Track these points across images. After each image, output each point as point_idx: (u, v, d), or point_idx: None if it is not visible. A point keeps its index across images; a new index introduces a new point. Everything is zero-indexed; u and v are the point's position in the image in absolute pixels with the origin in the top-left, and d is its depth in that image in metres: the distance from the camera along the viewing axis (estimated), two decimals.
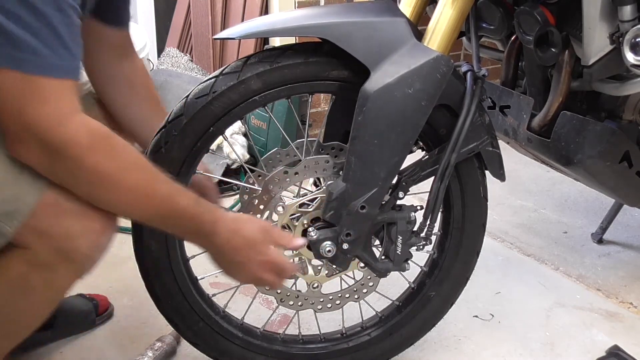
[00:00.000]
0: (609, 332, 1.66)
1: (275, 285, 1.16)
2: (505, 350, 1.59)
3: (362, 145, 1.15)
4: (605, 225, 2.09)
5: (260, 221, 1.17)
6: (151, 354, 1.46)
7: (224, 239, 1.07)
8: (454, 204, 1.34)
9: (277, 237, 1.13)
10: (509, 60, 1.55)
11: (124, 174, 0.97)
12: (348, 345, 1.41)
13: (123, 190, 0.98)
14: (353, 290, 1.36)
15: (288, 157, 1.25)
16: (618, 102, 1.50)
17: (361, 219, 1.19)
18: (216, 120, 1.18)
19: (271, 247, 1.11)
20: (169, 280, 1.26)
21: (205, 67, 2.97)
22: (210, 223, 1.06)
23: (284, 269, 1.14)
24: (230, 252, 1.09)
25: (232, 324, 1.36)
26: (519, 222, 2.24)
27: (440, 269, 1.39)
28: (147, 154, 1.20)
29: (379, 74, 1.12)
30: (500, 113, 1.56)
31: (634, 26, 1.20)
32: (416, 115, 1.15)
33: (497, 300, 1.78)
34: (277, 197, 1.24)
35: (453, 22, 1.20)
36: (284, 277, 1.15)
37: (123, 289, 1.77)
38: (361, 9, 1.19)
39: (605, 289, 1.85)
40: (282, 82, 1.18)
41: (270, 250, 1.11)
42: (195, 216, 1.05)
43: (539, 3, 1.30)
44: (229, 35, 1.19)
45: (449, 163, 1.20)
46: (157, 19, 3.20)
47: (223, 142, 2.38)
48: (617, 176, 1.47)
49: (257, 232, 1.10)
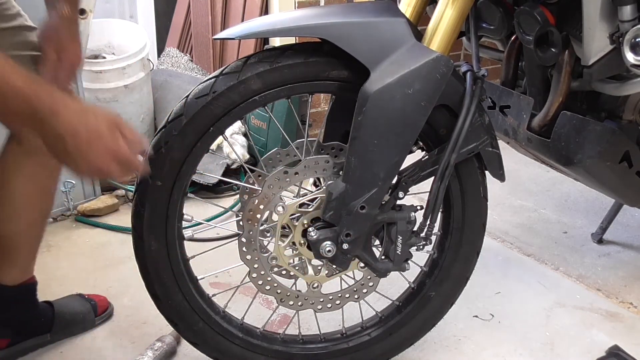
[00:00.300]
0: (609, 332, 1.66)
1: (118, 177, 1.04)
2: (505, 350, 1.59)
3: (362, 146, 1.15)
4: (605, 225, 2.09)
5: (108, 112, 1.04)
6: (151, 354, 1.46)
7: (66, 124, 0.95)
8: (454, 204, 1.34)
9: (126, 131, 1.02)
10: (509, 60, 1.55)
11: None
12: (348, 345, 1.41)
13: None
14: (353, 290, 1.36)
15: (288, 157, 1.25)
16: (618, 102, 1.50)
17: (361, 219, 1.19)
18: (216, 120, 1.18)
19: (119, 138, 1.00)
20: (169, 280, 1.27)
21: (205, 67, 2.97)
22: (49, 105, 0.94)
23: (130, 161, 1.02)
24: (72, 139, 0.96)
25: (232, 324, 1.36)
26: (519, 222, 2.24)
27: (440, 269, 1.39)
28: (147, 154, 1.20)
29: (378, 74, 1.12)
30: (500, 113, 1.56)
31: (634, 26, 1.20)
32: (416, 116, 1.15)
33: (497, 300, 1.78)
34: (277, 197, 1.24)
35: (453, 22, 1.20)
36: (129, 170, 1.04)
37: (123, 289, 1.77)
38: (361, 9, 1.19)
39: (605, 289, 1.85)
40: (282, 82, 1.18)
41: (118, 141, 1.00)
42: (31, 97, 0.93)
43: (539, 3, 1.30)
44: (228, 36, 1.19)
45: (448, 163, 1.20)
46: (157, 19, 3.20)
47: (223, 142, 2.38)
48: (617, 176, 1.47)
49: (105, 121, 0.99)
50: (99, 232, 2.10)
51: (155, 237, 1.23)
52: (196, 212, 2.14)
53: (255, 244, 1.27)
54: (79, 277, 1.83)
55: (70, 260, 1.92)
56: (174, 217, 1.23)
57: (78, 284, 1.77)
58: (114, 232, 2.10)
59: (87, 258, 1.95)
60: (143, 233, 1.22)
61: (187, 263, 1.30)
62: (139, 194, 1.21)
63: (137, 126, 2.52)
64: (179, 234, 1.26)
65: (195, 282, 1.31)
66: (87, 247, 2.02)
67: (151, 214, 1.21)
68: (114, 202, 2.23)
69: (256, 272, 1.29)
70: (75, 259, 1.93)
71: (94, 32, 2.36)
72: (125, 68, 2.40)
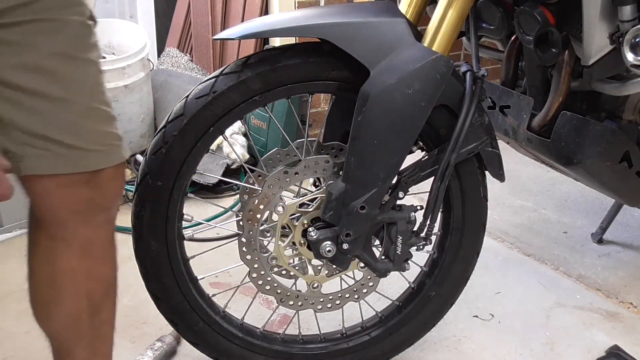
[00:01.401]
0: (609, 332, 1.66)
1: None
2: (505, 350, 1.59)
3: (362, 146, 1.15)
4: (605, 225, 2.09)
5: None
6: (151, 354, 1.46)
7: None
8: (454, 204, 1.34)
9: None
10: (509, 60, 1.55)
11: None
12: (348, 345, 1.41)
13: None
14: (353, 290, 1.36)
15: (288, 157, 1.25)
16: (618, 102, 1.50)
17: (361, 219, 1.19)
18: (216, 120, 1.18)
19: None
20: (169, 280, 1.27)
21: (205, 67, 2.97)
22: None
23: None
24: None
25: (232, 324, 1.36)
26: (519, 222, 2.24)
27: (440, 269, 1.39)
28: (147, 154, 1.20)
29: (378, 74, 1.12)
30: (500, 113, 1.56)
31: (634, 26, 1.20)
32: (415, 116, 1.15)
33: (497, 300, 1.78)
34: (277, 197, 1.24)
35: (453, 22, 1.20)
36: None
37: (123, 289, 1.76)
38: (361, 9, 1.19)
39: (605, 289, 1.85)
40: (282, 82, 1.18)
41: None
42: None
43: (539, 3, 1.30)
44: (228, 36, 1.19)
45: (448, 163, 1.20)
46: (157, 19, 3.19)
47: (223, 142, 2.38)
48: (617, 176, 1.47)
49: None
50: None
51: (155, 237, 1.23)
52: (196, 212, 2.15)
53: (255, 244, 1.27)
54: None
55: None
56: (174, 217, 1.23)
57: None
58: None
59: None
60: (143, 233, 1.22)
61: (187, 263, 1.30)
62: (139, 194, 1.21)
63: (137, 126, 2.52)
64: (179, 234, 1.26)
65: (195, 282, 1.31)
66: None
67: (151, 214, 1.21)
68: None
69: (256, 272, 1.29)
70: None
71: None
72: (125, 68, 2.40)
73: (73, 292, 1.03)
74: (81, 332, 1.06)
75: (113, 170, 0.98)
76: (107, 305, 1.10)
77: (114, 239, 1.07)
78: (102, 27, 2.54)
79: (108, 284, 1.09)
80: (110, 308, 1.12)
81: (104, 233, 1.04)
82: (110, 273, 1.09)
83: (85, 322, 1.06)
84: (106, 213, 1.02)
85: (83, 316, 1.05)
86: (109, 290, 1.09)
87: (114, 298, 1.11)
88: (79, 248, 1.00)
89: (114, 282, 1.10)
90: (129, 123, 2.48)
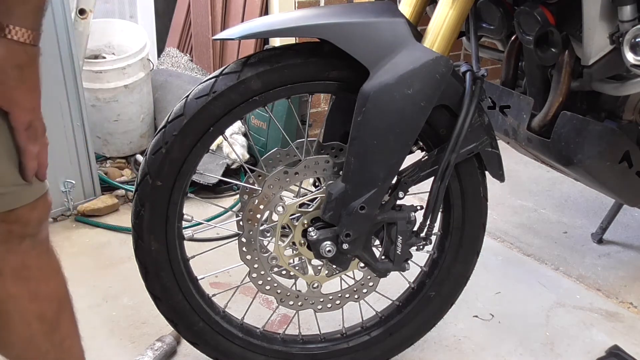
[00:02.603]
0: (609, 332, 1.66)
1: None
2: (505, 350, 1.59)
3: (362, 146, 1.15)
4: (605, 225, 2.09)
5: None
6: (151, 354, 1.46)
7: None
8: (454, 204, 1.34)
9: None
10: (509, 60, 1.55)
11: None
12: (348, 345, 1.41)
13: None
14: (353, 290, 1.36)
15: (288, 157, 1.25)
16: (618, 102, 1.50)
17: (361, 219, 1.19)
18: (216, 120, 1.18)
19: None
20: (169, 280, 1.27)
21: (205, 67, 2.97)
22: None
23: None
24: None
25: (232, 324, 1.36)
26: (519, 222, 2.24)
27: (440, 269, 1.39)
28: (147, 154, 1.20)
29: (378, 74, 1.12)
30: (500, 113, 1.56)
31: (634, 26, 1.20)
32: (415, 116, 1.15)
33: (497, 300, 1.78)
34: (277, 197, 1.24)
35: (453, 22, 1.20)
36: None
37: (123, 289, 1.77)
38: (361, 10, 1.19)
39: (605, 289, 1.85)
40: (282, 82, 1.18)
41: None
42: None
43: (539, 3, 1.30)
44: (228, 36, 1.19)
45: (448, 163, 1.20)
46: (157, 19, 3.20)
47: (223, 142, 2.38)
48: (617, 176, 1.47)
49: None
50: (99, 232, 2.11)
51: (155, 237, 1.23)
52: (196, 212, 2.15)
53: (255, 244, 1.27)
54: (79, 277, 1.82)
55: (71, 260, 1.92)
56: (174, 217, 1.23)
57: (78, 284, 1.77)
58: (114, 232, 2.10)
59: (87, 258, 1.95)
60: (143, 233, 1.22)
61: (187, 263, 1.30)
62: (139, 194, 1.21)
63: (137, 126, 2.52)
64: (179, 234, 1.26)
65: (195, 282, 1.31)
66: (87, 247, 2.02)
67: (151, 214, 1.21)
68: (114, 202, 2.23)
69: (256, 272, 1.29)
70: (76, 259, 1.93)
71: (94, 32, 2.37)
72: (125, 68, 2.40)
73: (19, 317, 0.99)
74: (41, 352, 1.04)
75: (30, 204, 0.94)
76: (64, 320, 1.06)
77: (51, 255, 1.02)
78: (102, 27, 2.55)
79: (58, 299, 1.04)
80: (68, 322, 1.08)
81: (36, 254, 0.99)
82: (57, 289, 1.04)
83: (42, 343, 1.03)
84: (31, 238, 0.97)
85: (38, 337, 1.02)
86: (61, 306, 1.05)
87: (70, 310, 1.07)
88: (12, 275, 0.97)
89: (65, 295, 1.05)
90: (129, 123, 2.48)
